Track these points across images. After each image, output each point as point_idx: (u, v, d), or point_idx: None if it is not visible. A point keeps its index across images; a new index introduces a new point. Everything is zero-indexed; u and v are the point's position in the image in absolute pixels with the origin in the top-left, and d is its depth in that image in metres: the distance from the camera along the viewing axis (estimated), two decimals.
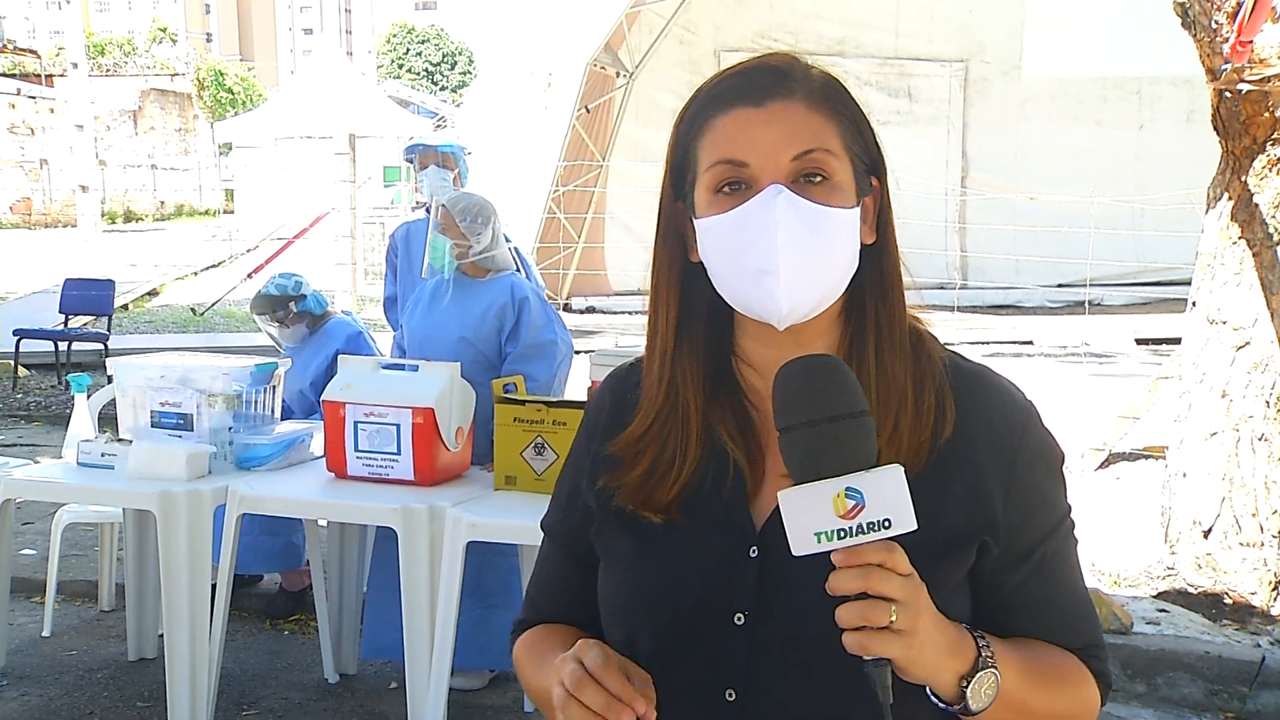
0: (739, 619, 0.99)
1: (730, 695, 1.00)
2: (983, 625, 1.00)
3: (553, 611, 1.17)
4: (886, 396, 1.00)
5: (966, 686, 0.93)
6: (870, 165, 1.04)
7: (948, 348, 1.08)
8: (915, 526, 0.87)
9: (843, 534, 0.86)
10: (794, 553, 0.88)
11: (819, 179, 0.98)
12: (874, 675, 0.88)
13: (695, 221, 1.02)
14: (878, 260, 1.04)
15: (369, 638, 3.67)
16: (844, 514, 0.86)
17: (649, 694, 0.95)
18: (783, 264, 0.96)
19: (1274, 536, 4.02)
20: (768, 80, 1.00)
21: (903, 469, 0.87)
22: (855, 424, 0.88)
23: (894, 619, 0.87)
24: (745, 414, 1.06)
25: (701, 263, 1.03)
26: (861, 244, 1.02)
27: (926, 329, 1.07)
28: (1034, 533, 1.03)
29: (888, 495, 0.86)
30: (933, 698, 0.95)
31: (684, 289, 1.06)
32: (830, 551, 0.88)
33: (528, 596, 1.21)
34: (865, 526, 0.86)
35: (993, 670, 0.95)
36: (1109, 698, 1.11)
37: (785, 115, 0.99)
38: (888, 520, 0.86)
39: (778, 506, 0.97)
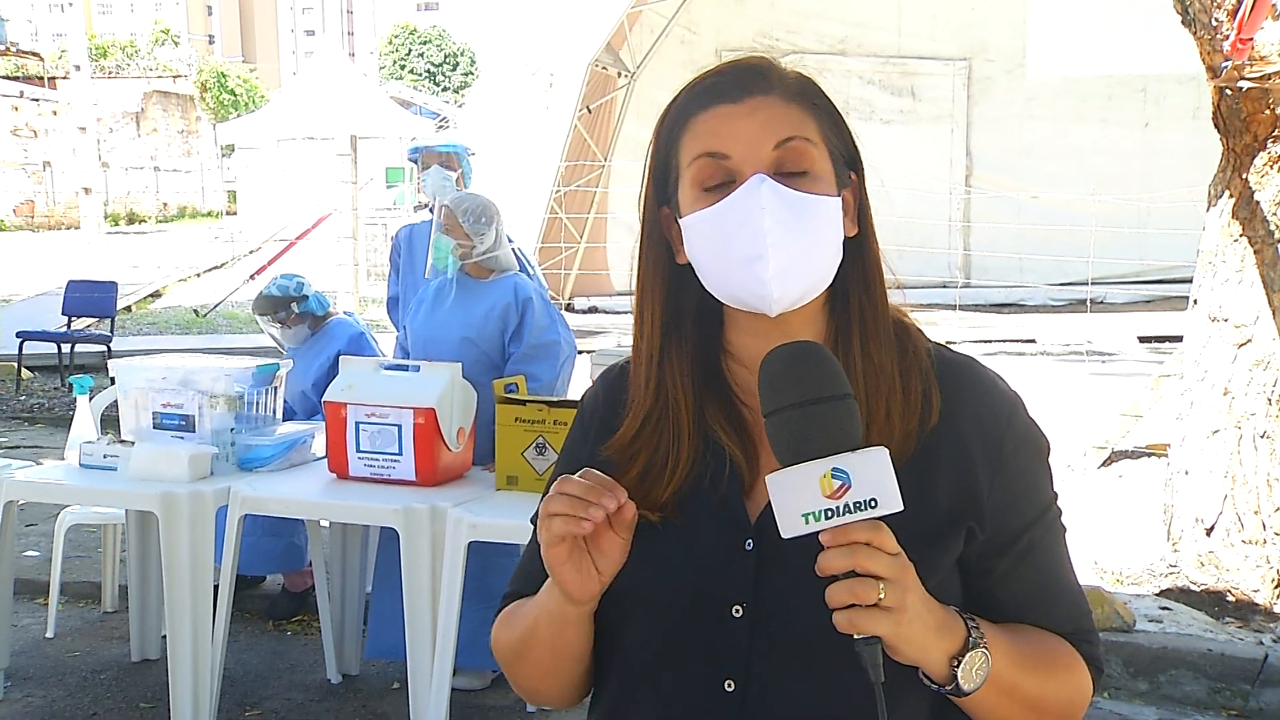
0: (736, 611, 1.01)
1: (729, 686, 1.01)
2: (974, 613, 1.01)
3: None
4: (875, 385, 1.01)
5: (957, 666, 0.95)
6: (848, 158, 1.05)
7: (933, 340, 1.09)
8: (901, 507, 0.88)
9: (830, 514, 0.88)
10: (782, 535, 0.89)
11: (801, 173, 1.00)
12: (864, 653, 0.89)
13: (681, 221, 1.04)
14: (859, 253, 1.06)
15: (373, 638, 3.68)
16: (830, 494, 0.88)
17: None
18: (771, 248, 0.98)
19: (1276, 534, 4.01)
20: (745, 78, 1.03)
21: (887, 450, 0.89)
22: (840, 405, 0.90)
23: (882, 596, 0.88)
24: (737, 411, 1.07)
25: (688, 265, 1.05)
26: (845, 236, 1.04)
27: (911, 322, 1.09)
28: (1021, 518, 1.05)
29: (873, 475, 0.88)
30: (925, 679, 0.97)
31: (669, 291, 1.07)
32: (819, 535, 0.89)
33: (510, 589, 1.19)
34: (852, 506, 0.88)
35: (983, 650, 0.96)
36: (1108, 689, 1.13)
37: (764, 108, 1.01)
38: (874, 500, 0.88)
39: (770, 503, 0.99)
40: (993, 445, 1.04)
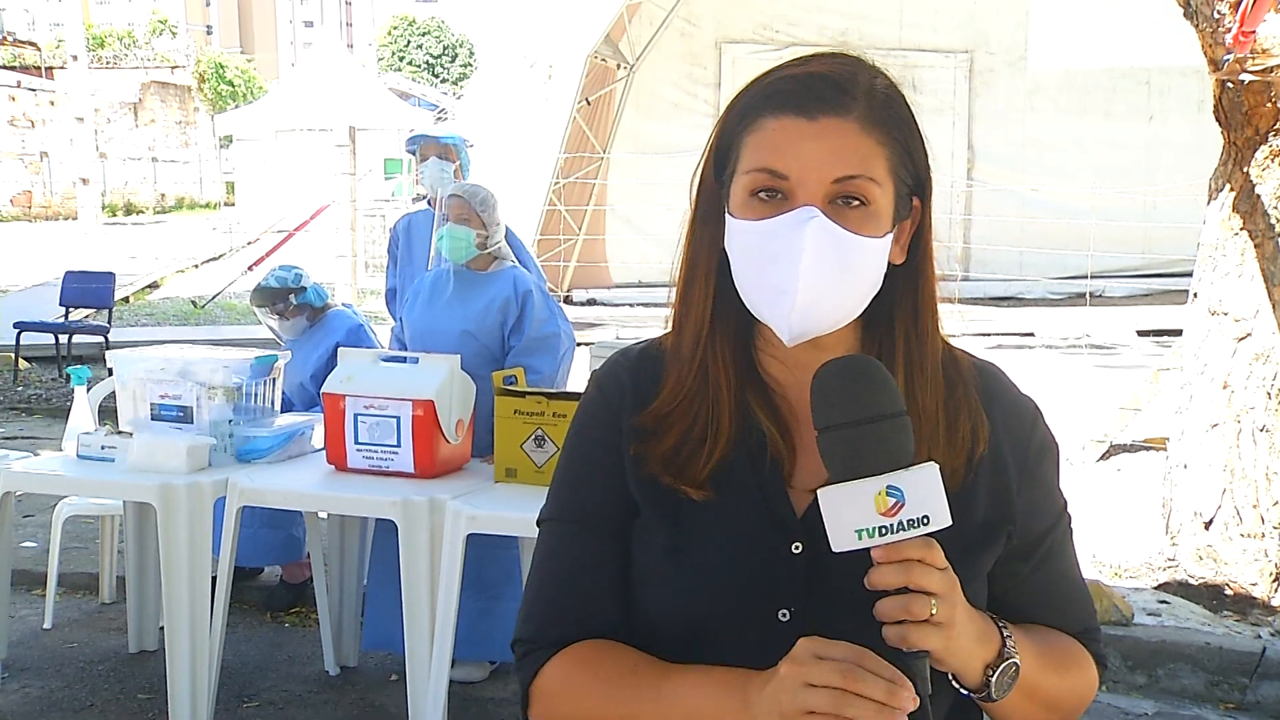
0: (784, 615, 0.99)
1: None
2: (992, 612, 1.02)
3: (610, 613, 1.03)
4: (917, 428, 0.97)
5: (992, 675, 0.97)
6: (915, 187, 1.02)
7: (965, 351, 1.09)
8: (950, 522, 0.89)
9: (884, 531, 0.89)
10: (834, 549, 0.90)
11: (856, 204, 0.97)
12: (914, 667, 0.90)
13: (728, 216, 1.02)
14: (911, 282, 1.03)
15: (370, 629, 3.68)
16: (885, 511, 0.89)
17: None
18: (801, 290, 0.96)
19: (1275, 528, 4.01)
20: (826, 93, 0.97)
21: (937, 466, 0.90)
22: (895, 424, 0.90)
23: (934, 612, 0.89)
24: (774, 403, 1.06)
25: None
26: (892, 264, 1.01)
27: (960, 351, 1.07)
28: (1042, 523, 1.07)
29: (925, 493, 0.89)
30: (955, 685, 0.98)
31: (721, 272, 1.04)
32: (871, 550, 0.90)
33: (550, 609, 1.05)
34: (905, 524, 0.89)
35: (1015, 660, 0.98)
36: (1106, 683, 1.15)
37: (835, 133, 0.96)
38: (926, 517, 0.89)
39: (815, 500, 0.97)
40: (1020, 453, 1.06)
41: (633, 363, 1.10)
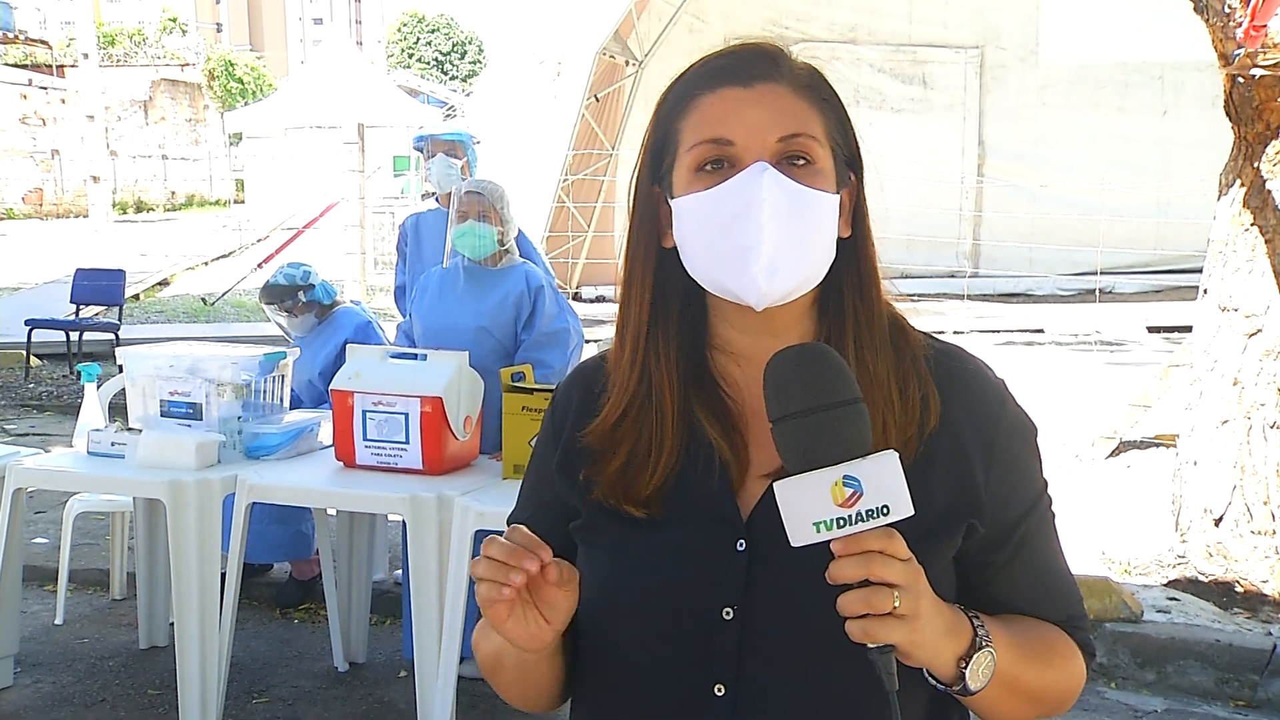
0: (727, 614, 0.98)
1: (720, 690, 0.99)
2: (968, 603, 1.00)
3: None
4: (870, 394, 0.97)
5: (965, 667, 0.94)
6: (849, 158, 1.03)
7: (923, 331, 1.07)
8: (912, 512, 0.86)
9: (842, 522, 0.86)
10: (792, 544, 0.87)
11: (803, 162, 0.98)
12: (879, 662, 0.87)
13: (672, 202, 1.01)
14: (854, 255, 1.03)
15: (408, 636, 3.66)
16: (842, 502, 0.86)
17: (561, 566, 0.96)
18: (766, 240, 0.95)
19: None
20: (757, 63, 1.00)
21: (897, 455, 0.87)
22: (851, 411, 0.88)
23: (897, 604, 0.86)
24: (723, 404, 1.04)
25: (674, 248, 1.02)
26: (838, 238, 1.01)
27: (905, 320, 1.06)
28: (1016, 509, 1.03)
29: (885, 482, 0.86)
30: (930, 679, 0.95)
31: (658, 275, 1.04)
32: (826, 541, 0.87)
33: None
34: (864, 514, 0.86)
35: (989, 650, 0.95)
36: (1115, 679, 1.12)
37: (774, 96, 0.99)
38: (886, 507, 0.86)
39: (763, 497, 0.97)
40: (985, 437, 1.02)
41: (585, 376, 1.12)
